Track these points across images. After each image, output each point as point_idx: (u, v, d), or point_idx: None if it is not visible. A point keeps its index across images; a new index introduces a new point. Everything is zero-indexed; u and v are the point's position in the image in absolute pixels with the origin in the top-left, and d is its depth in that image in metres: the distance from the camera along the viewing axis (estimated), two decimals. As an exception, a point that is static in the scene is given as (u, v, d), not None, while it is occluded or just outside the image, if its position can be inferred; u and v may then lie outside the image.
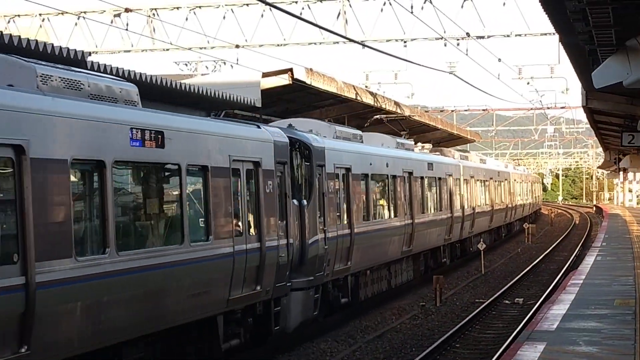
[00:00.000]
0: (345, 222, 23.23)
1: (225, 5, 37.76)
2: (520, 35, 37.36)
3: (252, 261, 16.90)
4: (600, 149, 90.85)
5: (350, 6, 36.85)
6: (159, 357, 14.71)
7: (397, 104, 44.09)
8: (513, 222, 60.41)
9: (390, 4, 36.10)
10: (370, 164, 25.81)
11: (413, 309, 26.26)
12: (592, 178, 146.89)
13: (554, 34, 31.38)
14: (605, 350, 13.41)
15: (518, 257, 44.01)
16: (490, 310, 25.84)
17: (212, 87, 25.79)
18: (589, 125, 56.79)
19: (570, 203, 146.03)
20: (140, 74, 21.80)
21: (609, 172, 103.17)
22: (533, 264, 38.49)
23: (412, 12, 31.75)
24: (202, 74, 40.14)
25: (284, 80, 30.46)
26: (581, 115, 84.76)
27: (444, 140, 60.07)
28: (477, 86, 36.94)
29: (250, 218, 17.25)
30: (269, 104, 31.77)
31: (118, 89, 14.14)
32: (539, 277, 34.60)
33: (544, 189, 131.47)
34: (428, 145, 40.45)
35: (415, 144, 36.89)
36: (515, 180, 60.08)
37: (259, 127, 18.47)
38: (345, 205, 23.26)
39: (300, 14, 35.79)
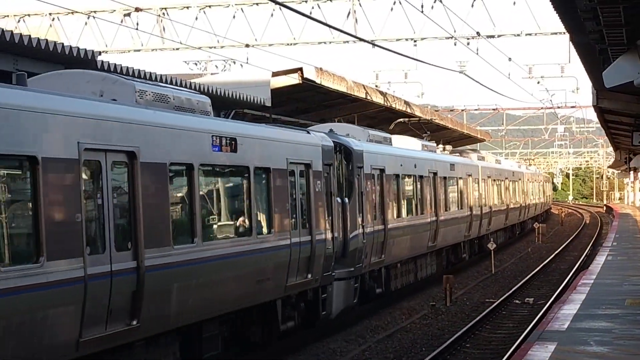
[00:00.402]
0: (380, 218, 24.98)
1: (235, 4, 37.75)
2: (530, 34, 37.32)
3: (304, 252, 18.81)
4: (610, 149, 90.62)
5: (360, 5, 36.82)
6: (230, 335, 16.61)
7: (407, 103, 44.07)
8: (526, 220, 61.07)
9: (400, 3, 36.05)
10: (401, 165, 27.70)
11: (423, 308, 26.23)
12: (602, 177, 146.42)
13: (564, 33, 31.30)
14: (616, 350, 13.39)
15: (528, 257, 43.93)
16: (500, 310, 25.79)
17: (222, 87, 25.85)
18: (599, 125, 56.64)
19: (580, 202, 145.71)
20: (151, 73, 21.79)
21: (619, 171, 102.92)
22: (543, 263, 38.41)
23: (422, 12, 31.67)
24: (211, 74, 40.17)
25: (293, 79, 30.46)
26: (591, 115, 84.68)
27: (454, 139, 60.00)
28: (487, 85, 36.97)
29: (303, 214, 19.10)
30: (279, 103, 31.74)
31: (195, 101, 15.85)
32: (549, 276, 34.53)
33: (554, 189, 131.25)
34: (448, 147, 41.84)
35: (437, 145, 37.71)
36: (528, 180, 60.57)
37: (308, 132, 20.42)
38: (380, 203, 25.14)
39: (310, 13, 35.75)
